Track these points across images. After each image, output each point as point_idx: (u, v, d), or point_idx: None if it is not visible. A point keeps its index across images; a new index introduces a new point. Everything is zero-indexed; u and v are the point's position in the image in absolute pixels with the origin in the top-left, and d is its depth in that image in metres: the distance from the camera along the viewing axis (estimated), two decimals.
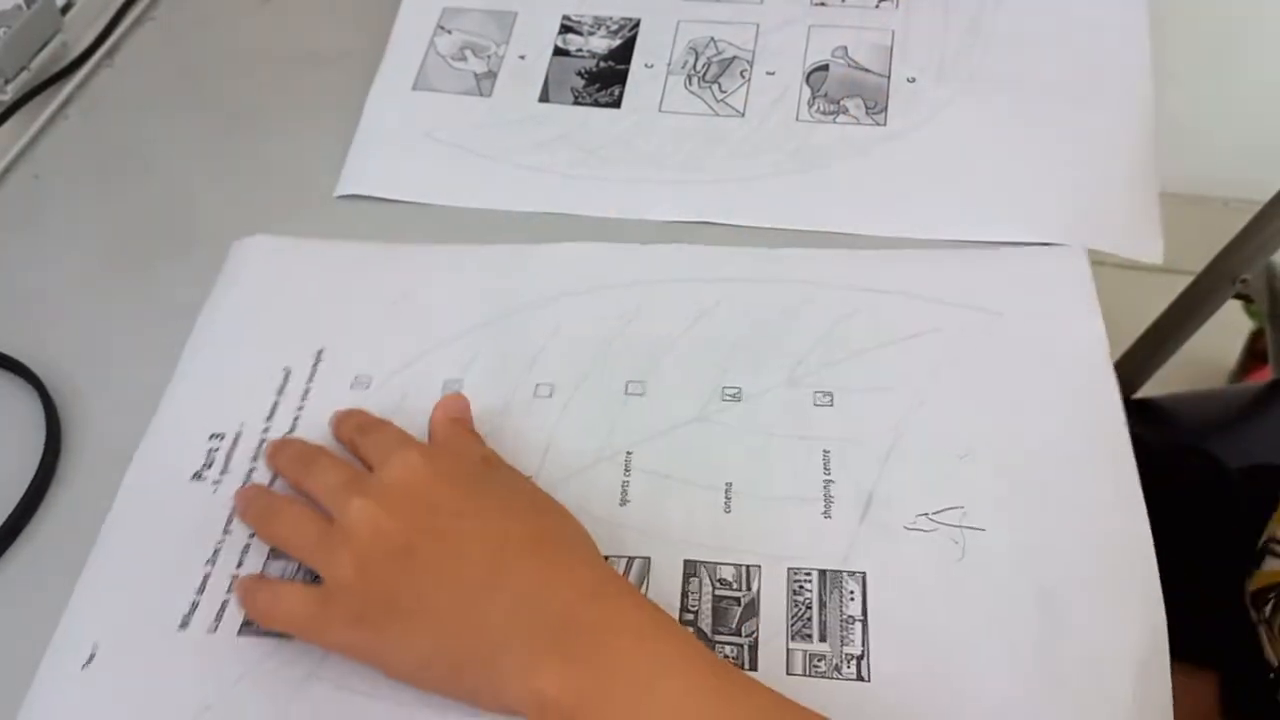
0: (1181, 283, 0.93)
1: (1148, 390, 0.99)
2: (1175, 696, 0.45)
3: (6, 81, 0.71)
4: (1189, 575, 0.51)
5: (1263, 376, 1.28)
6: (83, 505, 0.55)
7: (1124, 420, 0.53)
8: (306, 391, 0.58)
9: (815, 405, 0.55)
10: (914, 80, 0.68)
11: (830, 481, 0.53)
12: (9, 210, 0.69)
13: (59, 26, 0.75)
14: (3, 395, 0.60)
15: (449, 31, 0.75)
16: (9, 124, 0.71)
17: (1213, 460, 0.72)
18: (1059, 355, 0.56)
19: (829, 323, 0.58)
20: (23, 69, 0.73)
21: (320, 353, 0.60)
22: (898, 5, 0.72)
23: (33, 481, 0.55)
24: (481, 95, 0.71)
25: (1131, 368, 0.99)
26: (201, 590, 0.51)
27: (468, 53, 0.73)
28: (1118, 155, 0.64)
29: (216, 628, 0.50)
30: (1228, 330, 1.28)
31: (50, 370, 0.59)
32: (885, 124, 0.67)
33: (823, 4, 0.73)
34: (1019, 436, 0.53)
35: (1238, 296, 0.91)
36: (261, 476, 0.55)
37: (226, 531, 0.53)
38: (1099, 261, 0.60)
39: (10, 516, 0.54)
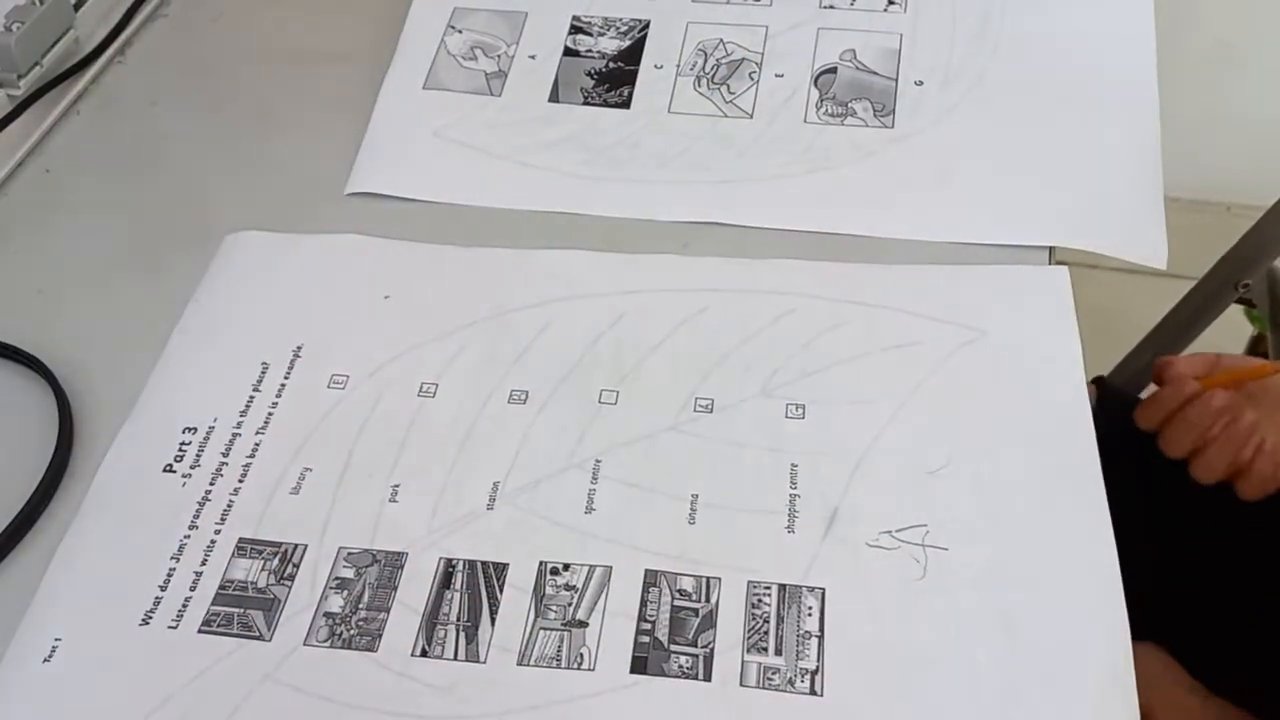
0: (1183, 287, 0.93)
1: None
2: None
3: (19, 77, 0.72)
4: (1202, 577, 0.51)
5: None
6: None
7: (1095, 447, 0.53)
8: (282, 388, 0.58)
9: (787, 417, 0.55)
10: (921, 84, 0.69)
11: (796, 495, 0.53)
12: (21, 205, 0.69)
13: (71, 23, 0.76)
14: (16, 389, 0.60)
15: (459, 31, 0.75)
16: (21, 119, 0.71)
17: None
18: (1037, 377, 0.56)
19: (810, 334, 0.58)
20: (35, 64, 0.73)
21: (299, 349, 0.60)
22: (906, 9, 0.73)
23: (45, 475, 0.55)
24: (491, 95, 0.72)
25: (1133, 371, 0.99)
26: (165, 586, 0.51)
27: (478, 52, 0.74)
28: (1122, 160, 0.65)
29: (178, 624, 0.50)
30: (1228, 334, 1.28)
31: (63, 364, 0.60)
32: (893, 126, 0.67)
33: (831, 7, 0.74)
34: (989, 456, 0.53)
35: (1239, 301, 0.91)
36: (232, 472, 0.55)
37: (193, 526, 0.53)
38: (1102, 265, 0.60)
39: (23, 509, 0.54)
